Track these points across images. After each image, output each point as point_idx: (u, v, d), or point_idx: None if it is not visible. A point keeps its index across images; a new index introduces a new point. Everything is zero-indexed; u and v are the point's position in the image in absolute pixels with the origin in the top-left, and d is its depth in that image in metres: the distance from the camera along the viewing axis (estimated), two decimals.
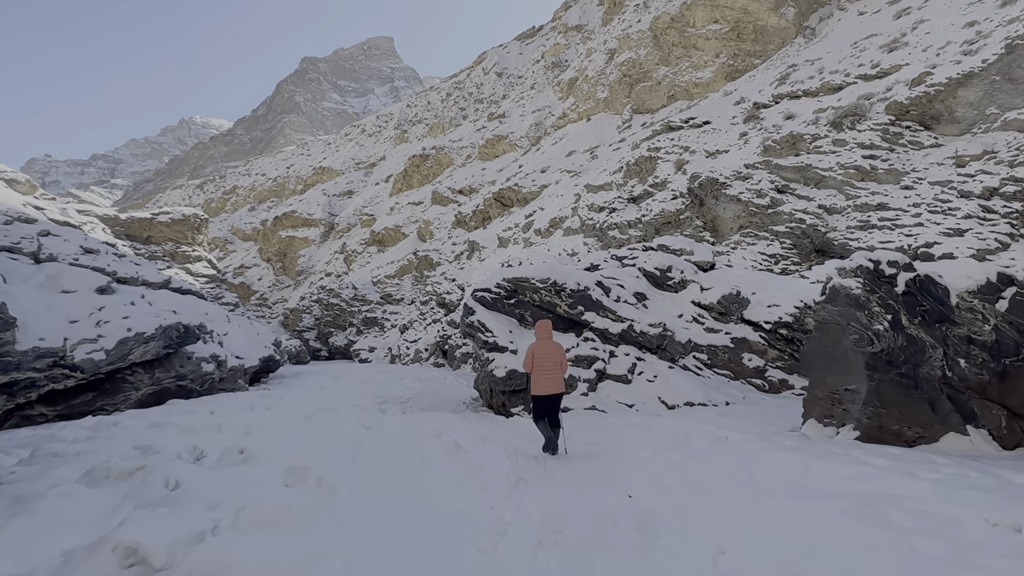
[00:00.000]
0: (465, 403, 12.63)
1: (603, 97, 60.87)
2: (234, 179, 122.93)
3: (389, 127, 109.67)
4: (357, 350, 48.06)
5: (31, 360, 10.80)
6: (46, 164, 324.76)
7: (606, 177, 38.23)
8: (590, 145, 55.61)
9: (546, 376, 7.68)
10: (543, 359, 7.80)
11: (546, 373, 7.70)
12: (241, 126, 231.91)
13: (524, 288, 11.49)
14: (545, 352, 7.85)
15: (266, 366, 22.57)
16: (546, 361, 7.77)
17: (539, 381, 7.72)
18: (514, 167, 62.28)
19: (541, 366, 7.76)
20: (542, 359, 7.81)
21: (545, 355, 7.82)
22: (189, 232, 57.20)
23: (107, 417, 9.09)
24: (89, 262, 23.46)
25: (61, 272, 13.74)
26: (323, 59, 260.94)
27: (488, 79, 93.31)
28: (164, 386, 14.40)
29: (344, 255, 73.95)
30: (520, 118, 72.71)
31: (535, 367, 7.81)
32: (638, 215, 29.36)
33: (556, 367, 7.75)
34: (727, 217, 24.28)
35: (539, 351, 7.88)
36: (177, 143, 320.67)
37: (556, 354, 7.85)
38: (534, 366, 7.83)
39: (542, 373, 7.72)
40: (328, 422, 7.80)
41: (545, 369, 7.72)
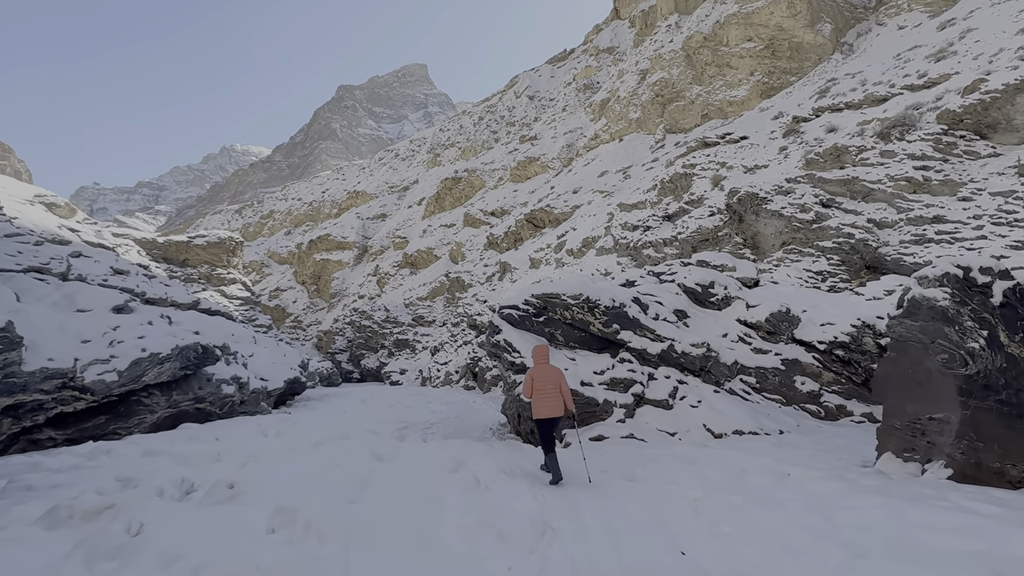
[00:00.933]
0: (492, 429, 11.75)
1: (635, 117, 60.21)
2: (271, 204, 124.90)
3: (422, 151, 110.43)
4: (388, 372, 47.63)
5: (38, 381, 10.27)
6: (94, 192, 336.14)
7: (639, 195, 37.33)
8: (622, 165, 54.88)
9: (548, 399, 7.54)
10: (543, 383, 7.66)
11: (548, 397, 7.55)
12: (279, 153, 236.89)
13: (554, 305, 10.63)
14: (545, 376, 7.70)
15: (292, 388, 22.01)
16: (547, 385, 7.62)
17: (540, 404, 7.57)
18: (546, 188, 61.76)
19: (542, 390, 7.63)
20: (542, 383, 7.67)
21: (545, 379, 7.67)
22: (224, 255, 57.79)
23: (104, 443, 8.46)
24: (118, 283, 23.40)
25: (78, 291, 13.32)
26: (359, 86, 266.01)
27: (520, 102, 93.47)
28: (182, 409, 13.83)
29: (377, 277, 73.95)
30: (552, 140, 72.38)
31: (535, 391, 7.67)
32: (674, 233, 28.34)
33: (556, 390, 7.59)
34: (768, 233, 23.14)
35: (538, 376, 7.73)
36: (218, 170, 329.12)
37: (555, 378, 7.70)
38: (534, 390, 7.69)
39: (543, 397, 7.58)
40: (337, 451, 7.04)
41: (547, 393, 7.58)
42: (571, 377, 9.61)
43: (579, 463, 7.19)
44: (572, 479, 6.37)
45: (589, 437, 8.83)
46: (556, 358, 10.15)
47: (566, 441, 8.99)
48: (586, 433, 8.93)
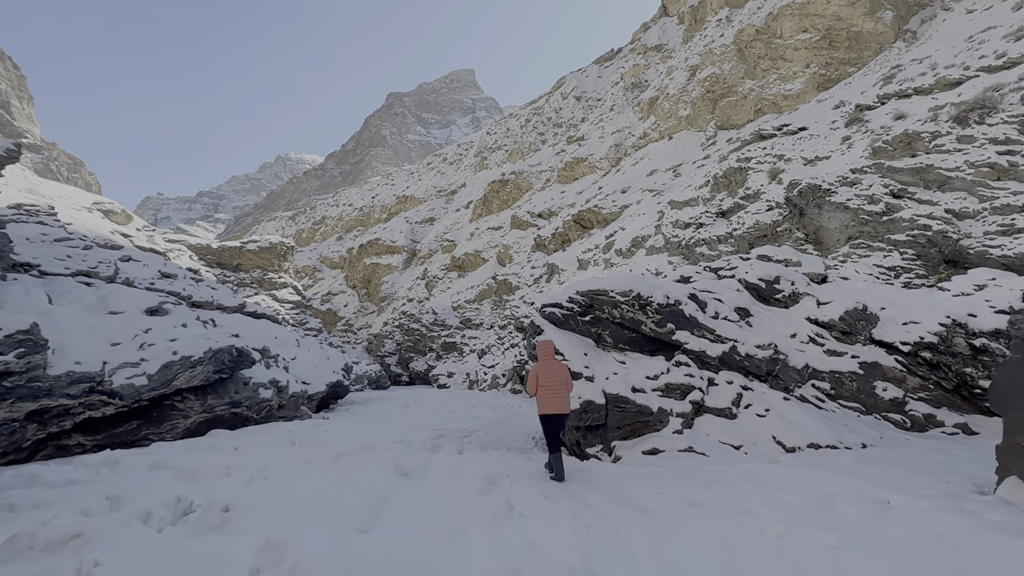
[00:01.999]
0: (534, 438, 10.87)
1: (685, 115, 58.68)
2: (323, 210, 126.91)
3: (469, 155, 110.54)
4: (436, 375, 47.40)
5: (64, 386, 9.89)
6: (158, 202, 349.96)
7: (691, 192, 35.93)
8: (672, 164, 53.44)
9: (554, 395, 7.43)
10: (549, 378, 7.50)
11: (553, 393, 7.44)
12: (332, 160, 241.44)
13: (601, 303, 9.68)
14: (550, 372, 7.54)
15: (334, 392, 21.59)
16: (553, 380, 7.47)
17: (546, 400, 7.46)
18: (594, 189, 60.69)
19: (548, 385, 7.48)
20: (548, 379, 7.50)
21: (550, 375, 7.51)
22: (275, 259, 58.61)
23: (117, 453, 7.94)
24: (165, 286, 23.45)
25: (112, 293, 13.03)
26: (408, 93, 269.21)
27: (567, 103, 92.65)
28: (217, 414, 13.40)
29: (425, 281, 74.03)
30: (599, 140, 71.25)
31: (541, 387, 7.52)
32: (728, 229, 26.93)
33: (562, 386, 7.48)
34: (832, 227, 21.61)
35: (543, 371, 7.57)
36: (274, 178, 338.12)
37: (561, 373, 7.58)
38: (539, 386, 7.54)
39: (549, 393, 7.45)
40: (358, 465, 6.32)
41: (552, 389, 7.45)
42: (621, 382, 8.67)
43: (631, 482, 6.25)
44: (623, 503, 5.40)
45: (642, 450, 7.89)
46: (604, 361, 9.21)
47: (616, 455, 8.06)
48: (638, 445, 7.98)
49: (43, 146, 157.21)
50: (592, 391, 8.56)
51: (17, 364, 9.04)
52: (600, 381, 8.78)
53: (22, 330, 9.28)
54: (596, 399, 8.48)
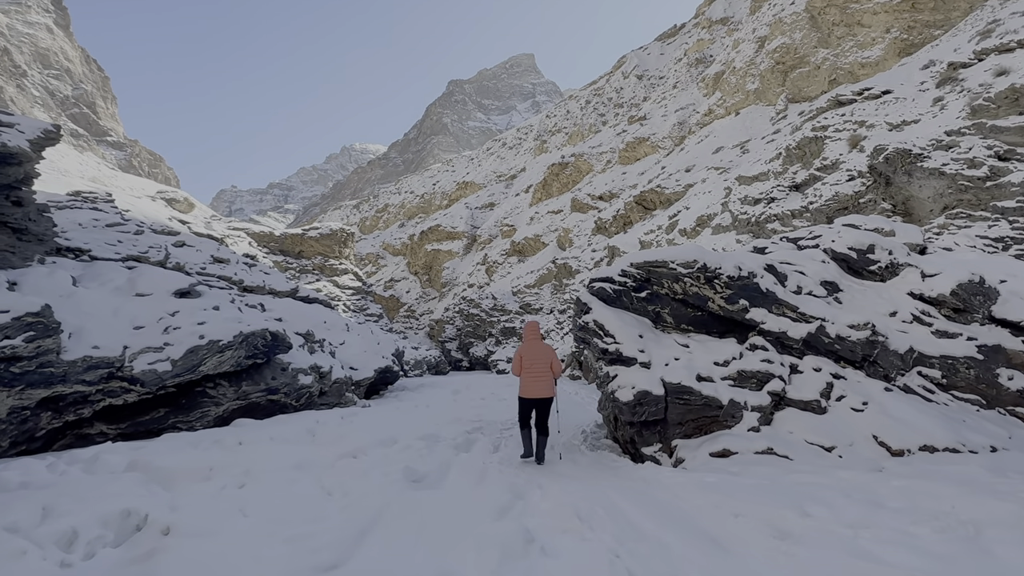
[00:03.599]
0: (584, 432, 9.63)
1: (753, 88, 55.82)
2: (386, 198, 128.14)
3: (529, 139, 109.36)
4: (495, 360, 46.77)
5: (80, 371, 9.26)
6: (232, 194, 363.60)
7: (761, 167, 33.66)
8: (740, 140, 50.88)
9: (535, 379, 7.32)
10: (532, 360, 7.39)
11: (535, 376, 7.32)
12: (395, 149, 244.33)
13: (660, 276, 8.25)
14: (533, 353, 7.44)
15: (383, 378, 20.88)
16: (535, 362, 7.36)
17: (527, 384, 7.36)
18: (656, 169, 58.70)
19: (530, 368, 7.36)
20: (531, 360, 7.39)
21: (534, 356, 7.41)
22: (336, 246, 59.07)
23: (95, 449, 7.09)
24: (216, 271, 23.20)
25: (141, 274, 12.46)
26: (468, 80, 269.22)
27: (628, 82, 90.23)
28: (252, 401, 12.71)
29: (485, 266, 73.61)
30: (662, 118, 68.82)
31: (524, 369, 7.43)
32: (804, 203, 24.77)
33: (545, 369, 7.37)
34: (925, 196, 19.35)
35: (527, 352, 7.48)
36: (339, 169, 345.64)
37: (545, 355, 7.48)
38: (523, 368, 7.46)
39: (531, 376, 7.33)
40: (361, 469, 5.30)
41: (534, 372, 7.32)
42: (683, 370, 7.32)
43: (696, 496, 4.96)
44: (686, 528, 4.11)
45: (710, 452, 6.52)
46: (663, 344, 7.85)
47: (678, 456, 6.73)
48: (705, 446, 6.60)
49: (126, 143, 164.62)
50: (648, 380, 7.22)
51: (26, 348, 8.43)
52: (658, 368, 7.44)
53: (32, 312, 8.67)
54: (653, 389, 7.14)
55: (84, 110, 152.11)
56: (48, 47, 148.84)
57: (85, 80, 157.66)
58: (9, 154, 12.52)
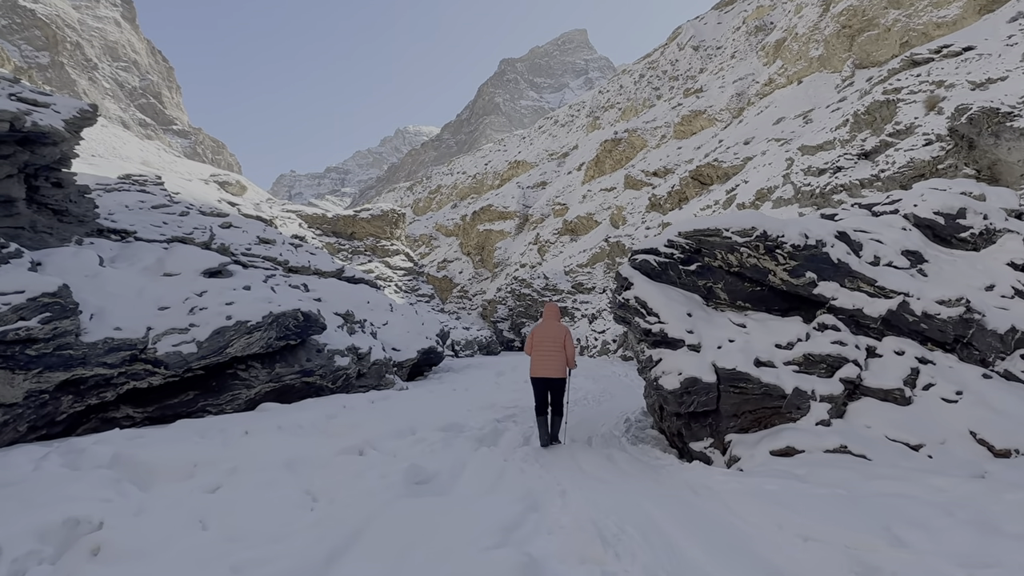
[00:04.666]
0: (628, 420, 8.77)
1: (817, 55, 52.82)
2: (438, 179, 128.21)
3: (581, 115, 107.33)
4: None
5: (101, 354, 8.96)
6: (291, 179, 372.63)
7: (825, 135, 31.60)
8: (802, 109, 48.24)
9: (544, 357, 7.16)
10: (542, 338, 7.24)
11: (544, 354, 7.15)
12: (448, 131, 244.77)
13: (712, 246, 7.34)
14: (544, 332, 7.28)
15: (427, 359, 20.44)
16: (545, 340, 7.20)
17: (535, 362, 7.22)
18: (713, 142, 56.47)
19: (540, 346, 7.22)
20: (541, 338, 7.25)
21: (544, 335, 7.25)
22: (387, 227, 59.31)
23: (97, 436, 6.69)
24: (261, 251, 23.20)
25: (171, 254, 12.19)
26: (520, 59, 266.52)
27: (683, 54, 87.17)
28: (286, 383, 12.35)
29: (537, 246, 72.77)
30: (719, 90, 66.16)
31: (533, 348, 7.29)
32: (874, 171, 22.98)
33: (556, 348, 7.17)
34: (1015, 160, 17.53)
35: (538, 331, 7.35)
36: (394, 151, 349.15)
37: (558, 334, 7.28)
38: (533, 347, 7.31)
39: (540, 354, 7.19)
40: (360, 468, 4.66)
41: (544, 350, 7.17)
42: (739, 353, 6.37)
43: (753, 509, 4.09)
44: (741, 557, 3.31)
45: (771, 450, 5.61)
46: (715, 324, 6.92)
47: (732, 454, 5.85)
48: (765, 442, 5.69)
49: (190, 131, 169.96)
50: (697, 365, 6.30)
51: (42, 330, 8.14)
52: (709, 351, 6.52)
53: (48, 292, 8.38)
54: (703, 376, 6.21)
55: (151, 100, 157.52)
56: (116, 40, 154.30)
57: (151, 71, 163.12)
58: (42, 133, 12.39)
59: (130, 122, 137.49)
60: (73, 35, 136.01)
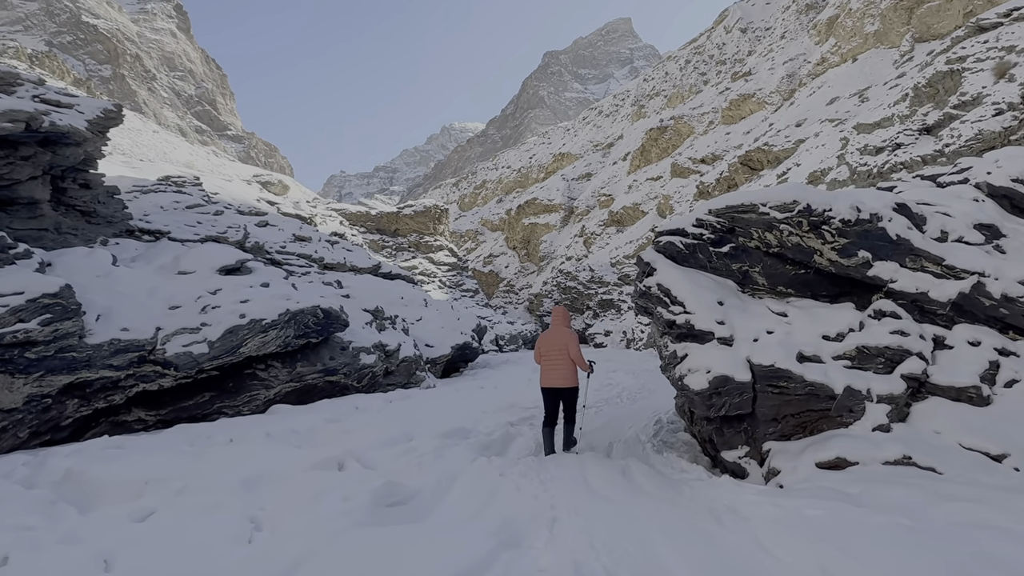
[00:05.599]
0: (659, 422, 7.90)
1: (873, 31, 50.42)
2: (483, 174, 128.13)
3: (626, 104, 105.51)
4: (593, 334, 45.44)
5: (106, 356, 8.64)
6: (341, 179, 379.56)
7: (883, 112, 29.77)
8: (858, 88, 46.05)
9: (551, 367, 6.88)
10: (549, 347, 6.98)
11: (552, 364, 6.89)
12: (493, 126, 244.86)
13: (747, 224, 6.41)
14: (550, 340, 7.04)
15: (462, 355, 19.89)
16: (552, 349, 6.91)
17: (543, 372, 7.02)
18: (763, 126, 54.56)
19: (547, 355, 7.00)
20: (548, 347, 6.99)
21: (550, 343, 6.99)
22: (431, 223, 59.33)
23: (70, 448, 6.26)
24: (296, 249, 23.09)
25: (187, 251, 11.91)
26: (563, 51, 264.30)
27: (731, 37, 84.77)
28: (307, 383, 11.95)
29: (583, 238, 71.81)
30: (769, 72, 63.89)
31: (542, 357, 7.09)
32: (938, 147, 21.35)
33: (561, 357, 6.80)
34: None
35: (545, 339, 7.16)
36: (440, 149, 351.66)
37: (562, 340, 6.89)
38: (541, 356, 7.10)
39: (548, 363, 6.96)
40: (323, 487, 4.03)
41: (552, 359, 6.91)
42: (778, 347, 5.46)
43: (795, 545, 3.27)
44: None
45: (817, 461, 4.73)
46: (751, 313, 6.06)
47: (771, 466, 5.02)
48: (811, 452, 4.81)
49: (243, 136, 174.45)
50: (729, 360, 5.42)
51: (42, 332, 7.84)
52: (743, 344, 5.66)
53: (49, 293, 8.08)
54: (736, 373, 5.36)
55: (206, 107, 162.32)
56: (173, 51, 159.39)
57: (206, 79, 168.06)
58: (62, 133, 12.25)
59: (187, 129, 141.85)
60: (133, 48, 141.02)
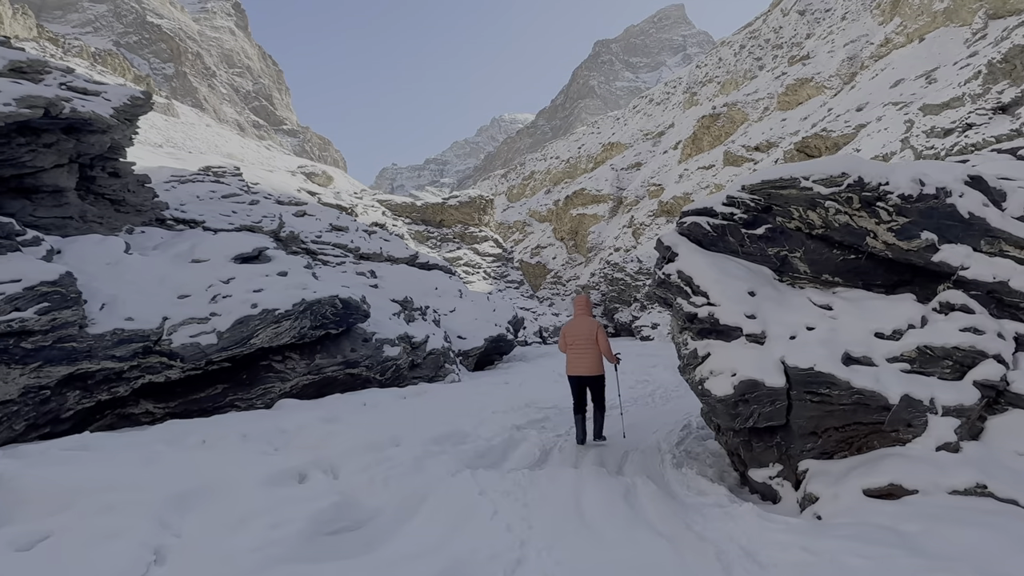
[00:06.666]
0: (688, 427, 7.01)
1: (941, 8, 47.75)
2: (532, 165, 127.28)
3: (677, 92, 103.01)
4: (639, 327, 44.39)
5: (108, 346, 8.31)
6: (393, 171, 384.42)
7: (952, 91, 27.78)
8: (925, 69, 43.54)
9: (578, 355, 6.85)
10: (574, 336, 6.91)
11: (578, 352, 6.84)
12: (542, 117, 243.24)
13: (787, 200, 5.47)
14: (576, 328, 6.93)
15: (496, 347, 19.28)
16: (577, 338, 6.86)
17: (570, 360, 6.96)
18: (821, 112, 52.30)
19: (573, 344, 6.91)
20: (573, 336, 6.93)
21: (576, 332, 6.90)
22: (476, 213, 59.05)
23: (21, 449, 5.83)
24: (332, 238, 22.90)
25: (204, 238, 11.61)
26: (614, 39, 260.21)
27: (788, 20, 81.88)
28: (327, 375, 11.52)
29: (632, 229, 70.40)
30: (828, 55, 61.31)
31: (568, 346, 6.99)
32: (1015, 126, 19.65)
33: (590, 345, 6.77)
34: None
35: (570, 328, 7.03)
36: (490, 140, 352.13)
37: (589, 329, 6.86)
38: (567, 346, 7.01)
39: (574, 352, 6.91)
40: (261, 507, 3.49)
41: (577, 348, 6.85)
42: (820, 346, 4.52)
43: None
44: None
45: (866, 488, 3.86)
46: (788, 305, 5.18)
47: (807, 491, 4.18)
48: (858, 475, 3.96)
49: (298, 130, 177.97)
50: (759, 362, 4.59)
51: (39, 322, 7.55)
52: (778, 342, 4.80)
53: (48, 281, 7.78)
54: (767, 377, 4.53)
55: (263, 103, 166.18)
56: (231, 48, 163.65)
57: (263, 75, 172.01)
58: (84, 120, 12.07)
59: (245, 124, 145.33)
60: (194, 46, 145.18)
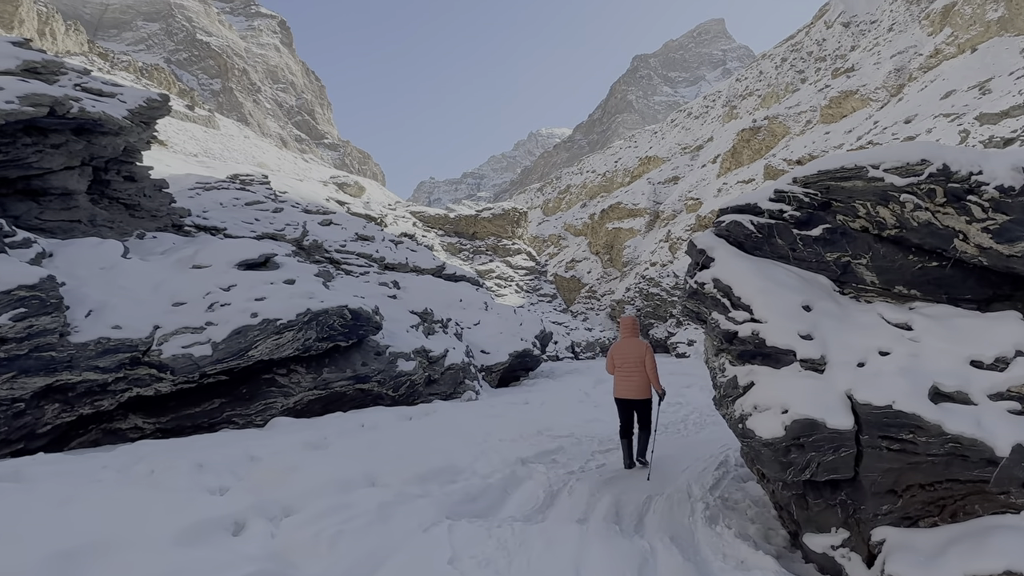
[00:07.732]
0: (725, 465, 5.98)
1: (996, 17, 46.30)
2: (568, 179, 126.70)
3: (717, 105, 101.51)
4: (675, 343, 43.23)
5: (91, 356, 7.71)
6: (430, 185, 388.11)
7: (1011, 100, 26.32)
8: (978, 80, 41.97)
9: (625, 378, 6.78)
10: (623, 359, 6.82)
11: (626, 375, 6.79)
12: (579, 131, 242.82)
13: (850, 194, 4.45)
14: (624, 351, 6.86)
15: (522, 362, 18.38)
16: (626, 361, 6.80)
17: (618, 383, 6.90)
18: (867, 124, 50.70)
19: (621, 366, 6.86)
20: (621, 359, 6.84)
21: (624, 354, 6.84)
22: (509, 226, 58.50)
23: None
24: (357, 248, 22.41)
25: (206, 245, 11.05)
26: (653, 54, 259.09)
27: (831, 32, 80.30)
28: (335, 390, 10.81)
29: (668, 243, 68.97)
30: (874, 67, 59.64)
31: (616, 368, 6.96)
32: None
33: (638, 368, 6.66)
34: None
35: (618, 350, 6.97)
36: (527, 155, 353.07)
37: (637, 351, 6.75)
38: (615, 367, 6.95)
39: (621, 375, 6.86)
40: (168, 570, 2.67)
41: (625, 370, 6.80)
42: (899, 376, 3.32)
43: None
44: None
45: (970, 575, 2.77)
46: (852, 324, 4.10)
47: (887, 572, 3.11)
48: (959, 554, 2.87)
49: (339, 144, 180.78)
50: (818, 395, 3.55)
51: (13, 328, 6.96)
52: (842, 371, 3.75)
53: (26, 285, 7.20)
54: (828, 417, 3.50)
55: (305, 117, 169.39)
56: (276, 64, 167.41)
57: (306, 91, 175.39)
58: (94, 121, 11.67)
59: (287, 138, 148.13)
60: (240, 62, 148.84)
